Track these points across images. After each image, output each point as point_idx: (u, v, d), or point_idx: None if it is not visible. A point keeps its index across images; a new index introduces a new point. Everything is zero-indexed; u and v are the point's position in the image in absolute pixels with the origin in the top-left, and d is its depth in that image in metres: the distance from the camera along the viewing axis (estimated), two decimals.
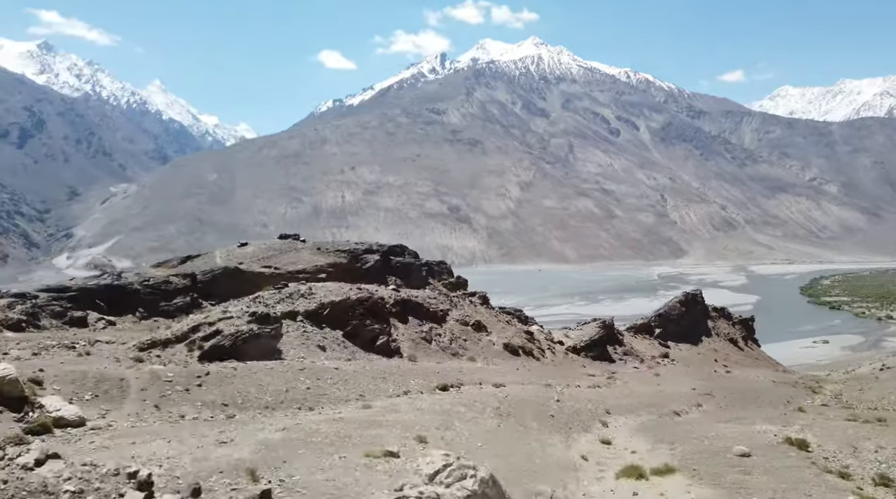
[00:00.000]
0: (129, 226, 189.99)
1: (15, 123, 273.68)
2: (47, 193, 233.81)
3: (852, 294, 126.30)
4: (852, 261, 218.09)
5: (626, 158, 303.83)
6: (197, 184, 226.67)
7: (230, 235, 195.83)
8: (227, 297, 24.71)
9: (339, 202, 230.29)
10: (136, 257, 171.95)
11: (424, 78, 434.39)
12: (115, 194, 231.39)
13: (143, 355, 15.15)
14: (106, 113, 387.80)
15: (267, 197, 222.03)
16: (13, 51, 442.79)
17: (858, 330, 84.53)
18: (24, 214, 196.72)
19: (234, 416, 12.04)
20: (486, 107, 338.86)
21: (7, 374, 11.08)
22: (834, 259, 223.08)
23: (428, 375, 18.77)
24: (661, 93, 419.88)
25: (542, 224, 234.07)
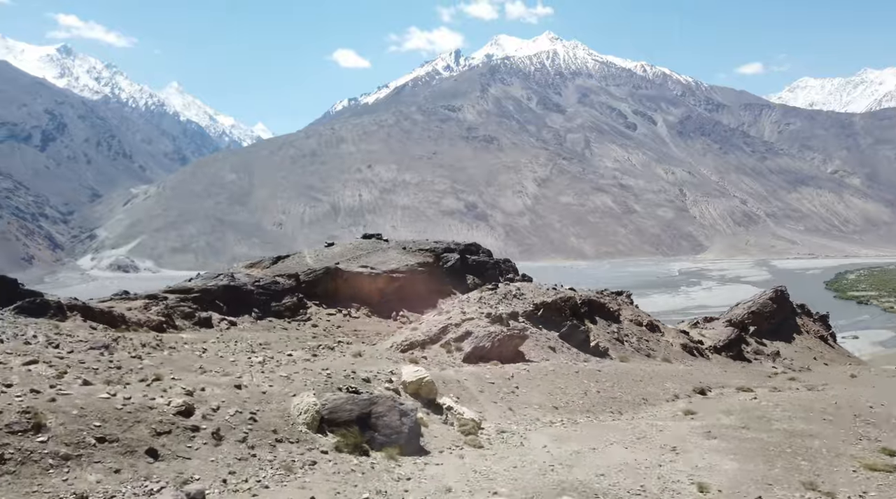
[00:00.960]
0: (150, 226, 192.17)
1: (37, 127, 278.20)
2: (70, 195, 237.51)
3: (879, 288, 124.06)
4: (877, 254, 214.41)
5: (644, 153, 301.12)
6: (216, 184, 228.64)
7: (250, 235, 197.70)
8: (329, 297, 25.98)
9: (357, 201, 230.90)
10: (158, 258, 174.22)
11: (439, 75, 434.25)
12: (137, 196, 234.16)
13: (412, 356, 15.67)
14: (125, 115, 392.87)
15: (285, 196, 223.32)
16: (34, 55, 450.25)
17: (889, 325, 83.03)
18: (48, 216, 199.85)
19: (578, 420, 12.79)
20: (502, 103, 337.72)
21: (423, 376, 11.85)
22: (858, 253, 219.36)
23: (667, 377, 17.95)
24: (678, 86, 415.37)
25: (559, 220, 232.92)
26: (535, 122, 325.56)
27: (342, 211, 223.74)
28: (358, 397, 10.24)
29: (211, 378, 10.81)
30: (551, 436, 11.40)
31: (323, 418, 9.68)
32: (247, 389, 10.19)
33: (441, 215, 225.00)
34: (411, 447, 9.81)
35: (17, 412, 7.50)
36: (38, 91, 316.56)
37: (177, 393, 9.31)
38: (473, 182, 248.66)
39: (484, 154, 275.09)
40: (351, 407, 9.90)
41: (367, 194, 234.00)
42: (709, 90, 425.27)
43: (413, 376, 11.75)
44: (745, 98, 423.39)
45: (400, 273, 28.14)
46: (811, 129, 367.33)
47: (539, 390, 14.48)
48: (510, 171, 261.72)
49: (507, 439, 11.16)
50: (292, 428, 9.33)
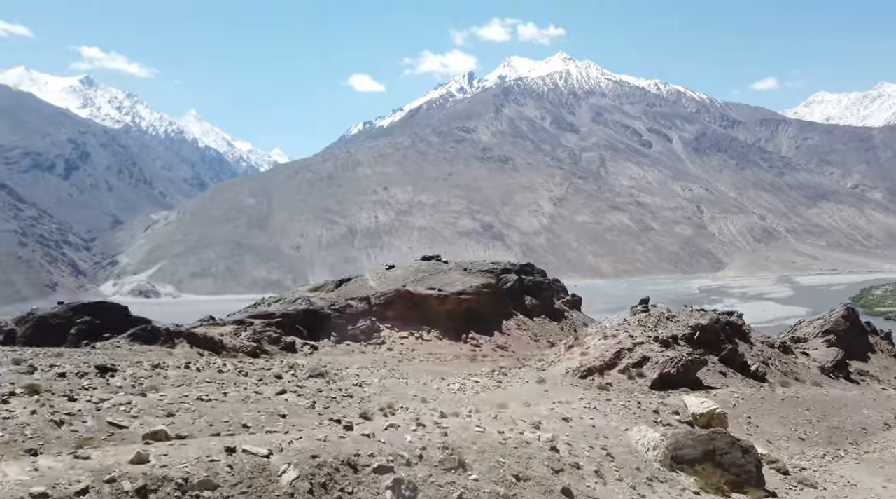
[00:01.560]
0: (171, 252, 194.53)
1: (60, 156, 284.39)
2: (92, 222, 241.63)
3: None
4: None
5: (660, 170, 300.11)
6: (235, 209, 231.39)
7: (269, 259, 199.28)
8: (399, 319, 26.19)
9: (374, 223, 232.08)
10: (178, 283, 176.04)
11: (453, 97, 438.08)
12: (157, 221, 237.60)
13: (598, 383, 15.32)
14: (146, 143, 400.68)
15: (303, 219, 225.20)
16: (57, 86, 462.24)
17: None
18: (72, 243, 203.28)
19: (841, 453, 12.38)
20: (516, 123, 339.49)
21: (713, 408, 10.91)
22: (882, 267, 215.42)
23: (857, 404, 17.53)
24: (692, 103, 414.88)
25: (576, 239, 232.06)
26: (549, 141, 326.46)
27: (359, 233, 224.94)
28: (696, 431, 9.83)
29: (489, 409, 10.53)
30: (869, 473, 10.93)
31: (672, 454, 9.22)
32: (578, 422, 9.99)
33: (458, 236, 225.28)
34: (761, 487, 9.25)
35: (438, 449, 7.33)
36: (62, 121, 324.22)
37: (526, 426, 9.11)
38: (489, 202, 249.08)
39: (499, 174, 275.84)
40: (693, 443, 9.42)
41: (384, 216, 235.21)
42: (723, 107, 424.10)
43: (702, 408, 10.93)
44: (761, 114, 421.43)
45: (467, 295, 28.32)
46: (829, 143, 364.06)
47: (768, 421, 13.93)
48: (526, 190, 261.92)
49: (826, 477, 10.57)
50: (648, 465, 9.01)
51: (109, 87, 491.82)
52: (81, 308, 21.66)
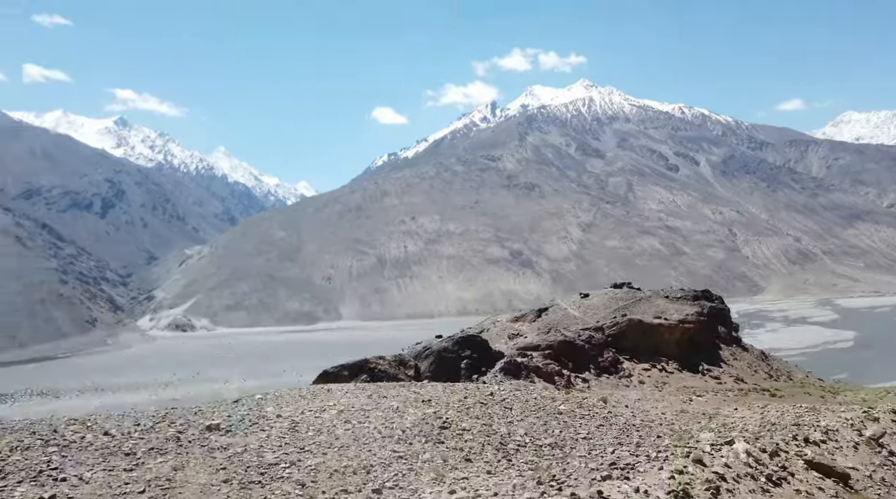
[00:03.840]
0: (205, 286, 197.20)
1: (97, 194, 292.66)
2: (129, 258, 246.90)
3: None
4: None
5: (689, 194, 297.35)
6: (266, 242, 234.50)
7: (301, 290, 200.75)
8: (633, 349, 25.51)
9: (402, 252, 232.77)
10: (213, 316, 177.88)
11: (476, 127, 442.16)
12: (191, 256, 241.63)
13: None
14: (178, 180, 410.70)
15: (333, 251, 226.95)
16: (93, 128, 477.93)
17: None
18: (109, 280, 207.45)
19: None
20: (541, 150, 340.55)
21: None
22: None
23: None
24: (718, 126, 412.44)
25: (606, 265, 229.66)
26: (574, 167, 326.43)
27: (388, 263, 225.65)
28: None
29: None
30: None
31: None
32: None
33: (486, 264, 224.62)
34: None
35: None
36: (98, 161, 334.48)
37: None
38: (517, 229, 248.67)
39: (526, 201, 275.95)
40: None
41: (412, 246, 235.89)
42: (750, 128, 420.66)
43: None
44: (789, 135, 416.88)
45: (688, 323, 27.44)
46: (861, 163, 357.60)
47: None
48: (553, 217, 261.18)
49: None
50: None
51: (142, 127, 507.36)
52: (462, 342, 22.04)
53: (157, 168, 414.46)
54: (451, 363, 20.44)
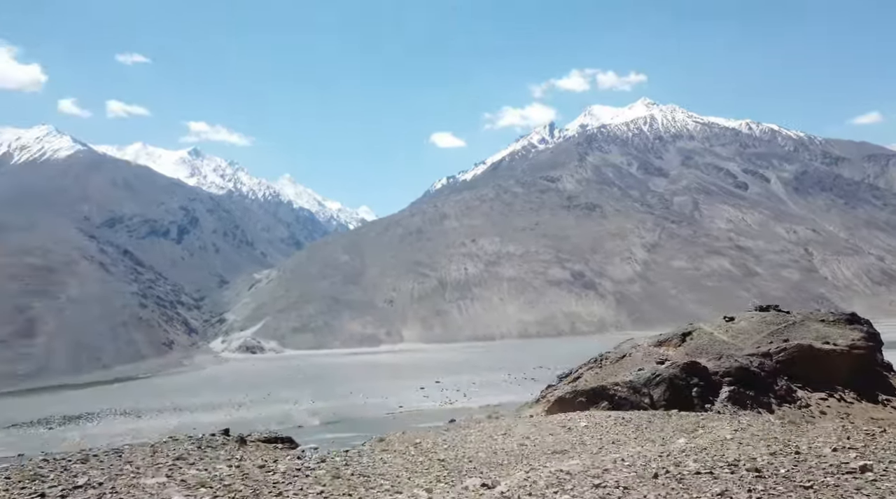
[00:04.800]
0: (273, 308, 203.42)
1: (173, 222, 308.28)
2: (202, 282, 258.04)
3: None
4: None
5: (760, 212, 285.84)
6: (330, 265, 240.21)
7: (364, 313, 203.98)
8: (804, 377, 24.54)
9: (463, 274, 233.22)
10: (281, 338, 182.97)
11: (535, 148, 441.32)
12: (260, 280, 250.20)
13: None
14: (246, 206, 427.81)
15: (395, 274, 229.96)
16: (169, 159, 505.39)
17: None
18: (184, 303, 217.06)
19: None
20: (601, 170, 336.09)
21: None
22: None
23: None
24: (789, 141, 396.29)
25: (673, 286, 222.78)
26: (637, 187, 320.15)
27: (449, 285, 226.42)
28: None
29: None
30: None
31: None
32: None
33: (548, 286, 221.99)
34: None
35: None
36: (174, 190, 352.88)
37: None
38: (578, 251, 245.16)
39: (587, 222, 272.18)
40: None
41: (473, 268, 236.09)
42: (824, 143, 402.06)
43: None
44: (867, 149, 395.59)
45: (859, 349, 26.27)
46: None
47: None
48: (616, 237, 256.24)
49: None
50: None
51: (214, 156, 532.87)
52: (687, 368, 22.27)
53: (228, 196, 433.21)
54: (681, 391, 20.18)
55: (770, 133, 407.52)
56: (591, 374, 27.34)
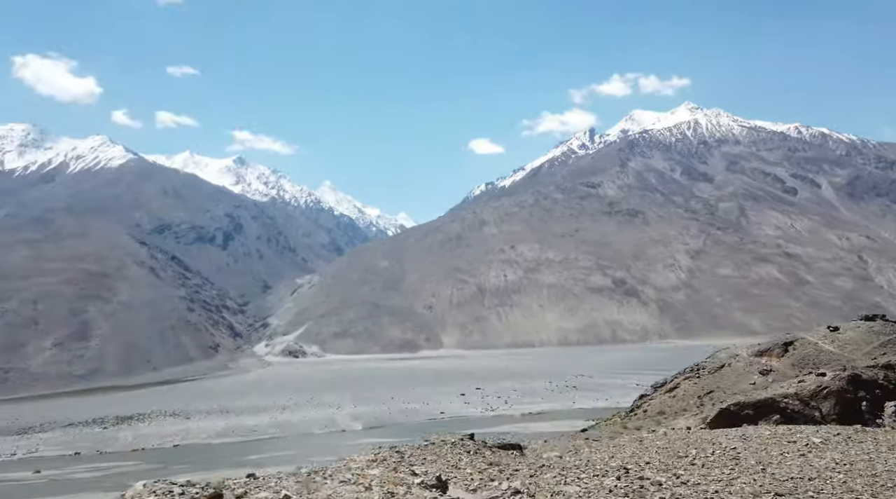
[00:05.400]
0: (315, 314, 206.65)
1: (219, 229, 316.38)
2: (246, 287, 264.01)
3: None
4: None
5: (810, 218, 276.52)
6: (370, 271, 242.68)
7: (404, 319, 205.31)
8: None
9: (502, 281, 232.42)
10: (322, 343, 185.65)
11: (575, 154, 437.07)
12: (302, 285, 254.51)
13: None
14: (289, 213, 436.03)
15: (434, 280, 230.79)
16: (215, 167, 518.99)
17: None
18: (229, 308, 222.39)
19: None
20: (643, 176, 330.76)
21: None
22: None
23: None
24: (840, 145, 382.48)
25: (719, 294, 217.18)
26: (681, 193, 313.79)
27: (488, 292, 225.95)
28: None
29: None
30: None
31: None
32: None
33: (589, 293, 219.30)
34: None
35: None
36: (220, 198, 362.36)
37: None
38: (620, 257, 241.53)
39: (629, 228, 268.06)
40: None
41: (512, 274, 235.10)
42: (878, 147, 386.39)
43: None
44: None
45: None
46: None
47: None
48: (658, 244, 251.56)
49: None
50: None
51: (258, 165, 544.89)
52: (852, 380, 21.25)
53: (271, 203, 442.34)
54: (850, 404, 19.63)
55: (820, 137, 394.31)
56: (690, 384, 26.76)
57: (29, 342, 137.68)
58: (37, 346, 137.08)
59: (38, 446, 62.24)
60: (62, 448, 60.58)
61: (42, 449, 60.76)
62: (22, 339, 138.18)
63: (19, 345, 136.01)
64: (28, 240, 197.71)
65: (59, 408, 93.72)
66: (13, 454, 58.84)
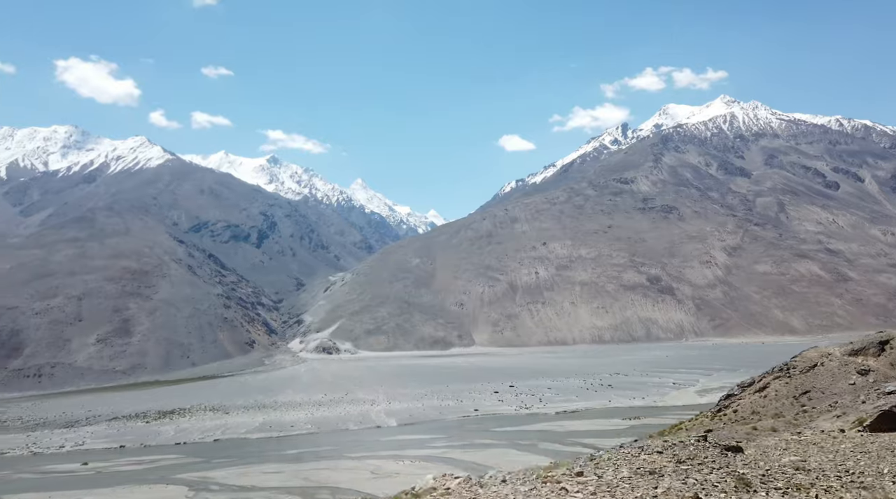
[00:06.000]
0: (348, 311, 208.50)
1: (254, 227, 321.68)
2: (280, 285, 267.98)
3: None
4: None
5: (852, 213, 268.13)
6: (402, 269, 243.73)
7: (435, 316, 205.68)
8: None
9: (534, 278, 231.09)
10: (355, 340, 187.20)
11: (607, 149, 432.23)
12: (334, 283, 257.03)
13: None
14: (321, 211, 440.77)
15: (465, 277, 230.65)
16: (250, 166, 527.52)
17: None
18: (264, 305, 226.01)
19: None
20: (678, 171, 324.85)
21: None
22: None
23: None
24: (884, 138, 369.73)
25: (758, 291, 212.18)
26: (717, 188, 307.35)
27: (520, 289, 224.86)
28: None
29: None
30: None
31: None
32: None
33: (622, 290, 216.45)
34: None
35: None
36: (254, 197, 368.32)
37: None
38: (654, 254, 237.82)
39: (663, 224, 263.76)
40: None
41: (544, 271, 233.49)
42: None
43: None
44: None
45: None
46: None
47: None
48: (694, 240, 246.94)
49: None
50: None
51: (290, 164, 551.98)
52: None
53: (304, 201, 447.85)
54: None
55: (863, 129, 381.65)
56: (781, 384, 26.05)
57: (74, 338, 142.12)
58: (81, 341, 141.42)
59: (84, 439, 64.20)
60: (108, 441, 62.38)
61: (89, 442, 62.64)
62: (67, 335, 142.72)
63: (65, 341, 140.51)
64: (72, 239, 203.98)
65: (103, 402, 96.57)
66: (62, 447, 60.81)
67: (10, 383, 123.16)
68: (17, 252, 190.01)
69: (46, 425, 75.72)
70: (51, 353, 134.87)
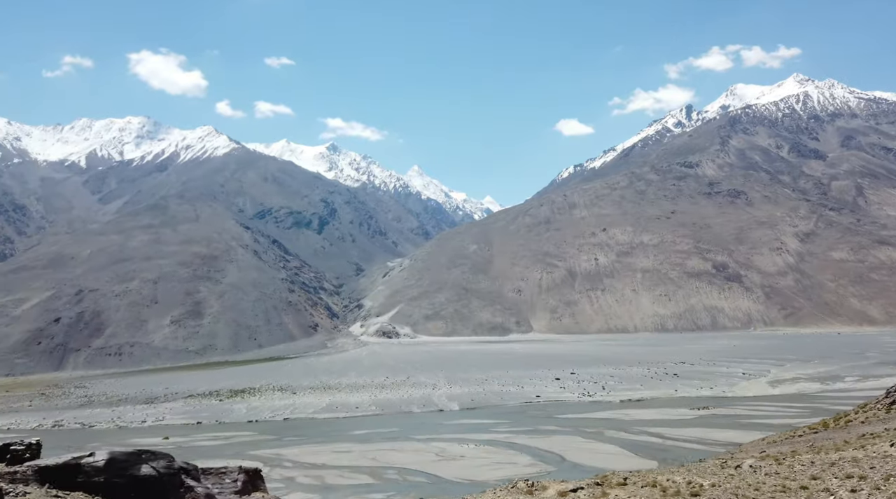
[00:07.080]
0: (406, 296, 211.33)
1: (315, 214, 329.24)
2: (340, 270, 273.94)
3: None
4: None
5: None
6: (460, 255, 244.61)
7: (493, 302, 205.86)
8: None
9: (593, 265, 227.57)
10: (414, 324, 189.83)
11: (670, 132, 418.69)
12: (393, 268, 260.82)
13: None
14: (379, 198, 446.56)
15: (523, 264, 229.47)
16: (310, 154, 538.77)
17: None
18: (326, 289, 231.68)
19: None
20: (746, 154, 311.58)
21: None
22: None
23: None
24: None
25: (833, 280, 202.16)
26: (788, 171, 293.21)
27: (579, 276, 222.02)
28: None
29: None
30: None
31: None
32: None
33: (686, 277, 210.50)
34: None
35: None
36: (315, 184, 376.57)
37: None
38: (720, 240, 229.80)
39: (730, 210, 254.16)
40: None
41: (604, 258, 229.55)
42: None
43: None
44: None
45: None
46: None
47: None
48: (764, 226, 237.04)
49: None
50: None
51: (349, 151, 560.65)
52: None
53: (362, 188, 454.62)
54: None
55: None
56: None
57: (150, 319, 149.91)
58: (157, 322, 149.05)
59: (164, 415, 67.79)
60: (186, 417, 65.66)
61: (168, 418, 66.10)
62: (144, 316, 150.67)
63: (142, 321, 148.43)
64: (147, 225, 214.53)
65: (178, 380, 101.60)
66: (143, 422, 64.44)
67: (94, 360, 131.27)
68: (97, 238, 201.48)
69: (128, 401, 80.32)
70: (129, 333, 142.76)
